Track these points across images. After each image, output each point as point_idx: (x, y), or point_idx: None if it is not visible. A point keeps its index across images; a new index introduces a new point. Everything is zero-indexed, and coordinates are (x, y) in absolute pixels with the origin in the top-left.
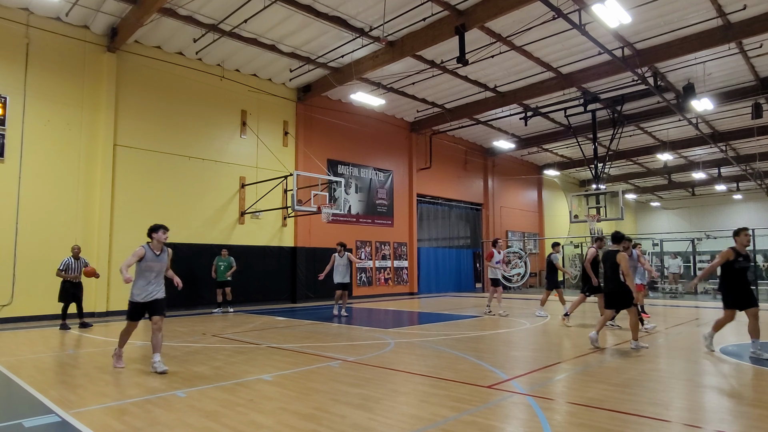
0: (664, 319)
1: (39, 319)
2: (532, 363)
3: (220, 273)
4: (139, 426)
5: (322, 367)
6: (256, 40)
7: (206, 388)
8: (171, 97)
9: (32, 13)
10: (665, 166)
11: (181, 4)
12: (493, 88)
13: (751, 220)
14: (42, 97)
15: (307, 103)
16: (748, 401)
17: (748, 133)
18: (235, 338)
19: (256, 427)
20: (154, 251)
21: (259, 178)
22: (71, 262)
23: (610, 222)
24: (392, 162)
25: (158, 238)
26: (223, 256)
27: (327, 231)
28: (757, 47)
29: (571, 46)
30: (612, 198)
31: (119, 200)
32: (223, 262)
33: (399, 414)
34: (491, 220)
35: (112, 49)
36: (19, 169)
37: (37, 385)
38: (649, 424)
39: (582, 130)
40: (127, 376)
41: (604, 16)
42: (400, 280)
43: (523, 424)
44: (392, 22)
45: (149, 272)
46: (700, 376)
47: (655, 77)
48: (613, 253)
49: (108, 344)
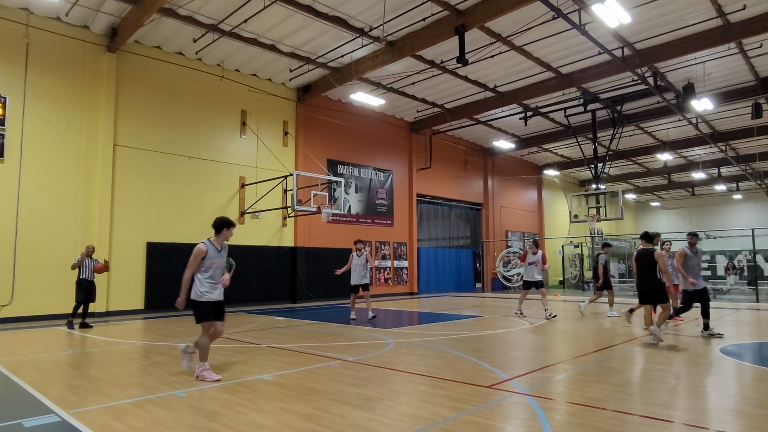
0: None
1: (39, 319)
2: (532, 363)
3: None
4: (139, 426)
5: (322, 367)
6: (256, 40)
7: (206, 388)
8: (171, 97)
9: (32, 13)
10: (665, 166)
11: (181, 4)
12: (493, 88)
13: (750, 220)
14: (42, 97)
15: (307, 103)
16: (749, 401)
17: (748, 133)
18: (235, 338)
19: (256, 427)
20: (216, 247)
21: (259, 178)
22: (86, 260)
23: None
24: (392, 162)
25: (226, 236)
26: None
27: (327, 231)
28: (756, 47)
29: (571, 46)
30: (612, 198)
31: (119, 200)
32: None
33: (399, 414)
34: (491, 220)
35: (112, 49)
36: (19, 169)
37: (37, 385)
38: (649, 424)
39: (582, 130)
40: (127, 376)
41: (604, 16)
42: (400, 280)
43: (523, 424)
44: (392, 22)
45: (216, 269)
46: (700, 376)
47: (655, 77)
48: (650, 252)
49: (108, 344)
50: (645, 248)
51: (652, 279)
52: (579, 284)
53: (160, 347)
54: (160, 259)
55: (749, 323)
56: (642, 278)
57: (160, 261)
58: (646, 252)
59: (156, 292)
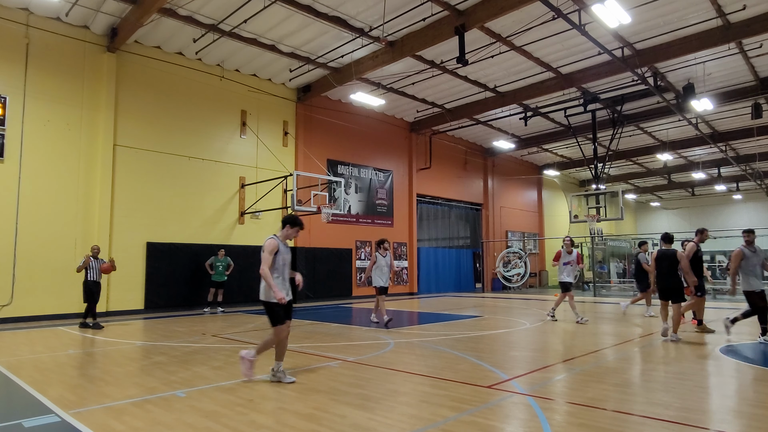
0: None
1: (39, 319)
2: (532, 363)
3: (220, 273)
4: (139, 426)
5: (321, 367)
6: (256, 40)
7: (206, 388)
8: (171, 97)
9: (32, 13)
10: (665, 166)
11: (181, 4)
12: (492, 88)
13: (750, 220)
14: (42, 97)
15: (307, 103)
16: (749, 401)
17: (748, 133)
18: (234, 338)
19: (256, 427)
20: (283, 242)
21: (258, 178)
22: (91, 260)
23: (610, 222)
24: (392, 162)
25: (290, 234)
26: (220, 257)
27: (327, 231)
28: (756, 47)
29: (570, 46)
30: (612, 198)
31: (119, 200)
32: (221, 262)
33: (399, 414)
34: (491, 220)
35: (112, 49)
36: (19, 169)
37: (37, 385)
38: (649, 424)
39: (582, 130)
40: (127, 376)
41: (604, 17)
42: (400, 280)
43: (523, 424)
44: (392, 22)
45: (284, 266)
46: (700, 376)
47: (655, 77)
48: (671, 252)
49: (108, 344)
50: (665, 249)
51: (672, 278)
52: (579, 284)
53: (159, 347)
54: (160, 259)
55: (749, 323)
56: (662, 277)
57: (160, 261)
58: (667, 252)
59: (156, 292)
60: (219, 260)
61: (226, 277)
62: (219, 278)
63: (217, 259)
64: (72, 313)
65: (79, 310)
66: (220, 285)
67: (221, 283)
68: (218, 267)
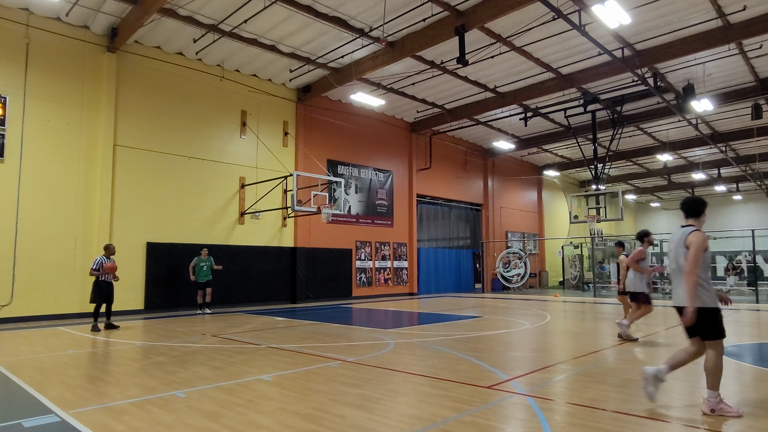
0: (664, 319)
1: (39, 319)
2: (532, 363)
3: (204, 273)
4: (139, 426)
5: (321, 367)
6: (256, 40)
7: (206, 388)
8: (171, 97)
9: (32, 13)
10: (665, 166)
11: (181, 4)
12: (493, 89)
13: (750, 220)
14: (42, 98)
15: (307, 104)
16: (749, 402)
17: (748, 133)
18: (234, 338)
19: (256, 427)
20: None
21: (259, 178)
22: (104, 261)
23: (610, 223)
24: (392, 162)
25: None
26: (203, 256)
27: (327, 231)
28: (756, 48)
29: (571, 47)
30: (612, 198)
31: (119, 200)
32: (204, 262)
33: (399, 414)
34: (491, 220)
35: (112, 50)
36: (19, 169)
37: (37, 385)
38: (649, 424)
39: (582, 130)
40: (126, 376)
41: (604, 17)
42: (400, 280)
43: (523, 424)
44: (392, 23)
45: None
46: (700, 376)
47: (655, 78)
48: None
49: (108, 344)
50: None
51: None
52: (579, 285)
53: (159, 347)
54: (160, 259)
55: (749, 324)
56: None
57: (160, 261)
58: None
59: (156, 292)
60: (203, 260)
61: (210, 277)
62: (204, 278)
63: (200, 259)
64: (72, 313)
65: (79, 309)
66: (206, 285)
67: (207, 282)
68: (202, 267)
